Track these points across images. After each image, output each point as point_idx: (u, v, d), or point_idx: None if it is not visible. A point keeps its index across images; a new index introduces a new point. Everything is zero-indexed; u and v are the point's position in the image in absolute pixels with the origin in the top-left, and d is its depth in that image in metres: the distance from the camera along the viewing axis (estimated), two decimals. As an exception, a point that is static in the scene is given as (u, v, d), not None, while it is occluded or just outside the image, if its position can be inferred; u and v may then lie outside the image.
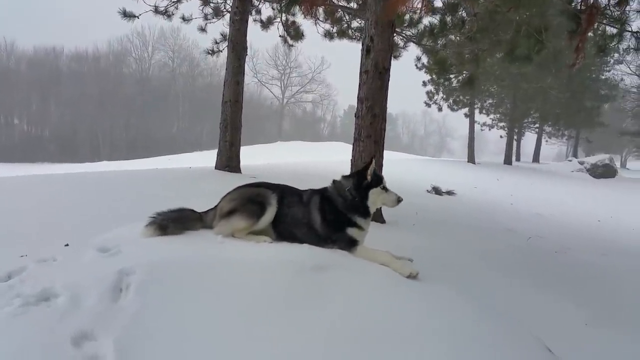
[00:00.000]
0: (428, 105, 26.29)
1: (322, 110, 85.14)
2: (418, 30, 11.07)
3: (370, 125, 6.37)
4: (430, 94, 25.67)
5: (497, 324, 2.61)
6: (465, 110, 29.53)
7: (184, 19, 12.10)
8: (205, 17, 12.44)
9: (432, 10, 10.27)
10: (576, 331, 3.53)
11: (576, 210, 13.58)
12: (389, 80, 6.50)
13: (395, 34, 11.36)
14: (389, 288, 2.68)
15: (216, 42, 12.48)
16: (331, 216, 3.63)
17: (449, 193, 12.32)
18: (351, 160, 6.55)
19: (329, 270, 2.71)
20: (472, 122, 29.83)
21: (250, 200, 3.72)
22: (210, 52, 12.61)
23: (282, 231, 3.72)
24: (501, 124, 35.41)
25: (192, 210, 3.84)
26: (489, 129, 36.65)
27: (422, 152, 76.83)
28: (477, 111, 31.77)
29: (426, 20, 10.65)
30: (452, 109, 28.41)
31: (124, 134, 65.22)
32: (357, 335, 2.15)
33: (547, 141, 45.32)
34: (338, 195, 3.69)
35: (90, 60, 67.60)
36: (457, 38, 10.92)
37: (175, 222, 3.55)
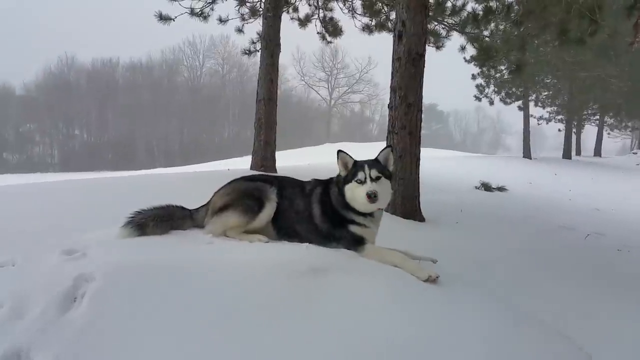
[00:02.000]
0: (478, 99, 25.22)
1: (371, 111, 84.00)
2: (460, 18, 10.50)
3: (405, 116, 5.96)
4: (480, 88, 24.64)
5: (537, 341, 2.19)
6: (519, 103, 28.10)
7: (220, 20, 12.07)
8: (242, 18, 12.39)
9: (475, -5, 9.71)
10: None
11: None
12: (423, 67, 6.06)
13: (436, 23, 10.91)
14: (399, 295, 2.30)
15: (253, 42, 12.38)
16: (329, 210, 3.26)
17: (500, 189, 11.56)
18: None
19: (327, 274, 2.35)
20: (526, 115, 28.34)
21: (247, 195, 3.34)
22: (247, 52, 12.52)
23: (283, 228, 3.35)
24: (559, 117, 33.54)
25: (181, 207, 3.53)
26: (546, 123, 34.81)
27: (476, 149, 73.99)
28: (531, 104, 30.18)
29: (469, 7, 10.09)
30: (505, 102, 27.19)
31: (178, 141, 67.10)
32: (357, 353, 1.82)
33: (609, 134, 42.49)
34: (335, 188, 3.31)
35: (144, 70, 70.07)
36: (502, 24, 10.26)
37: (157, 220, 3.22)
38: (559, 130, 35.02)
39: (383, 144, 3.65)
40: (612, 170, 23.78)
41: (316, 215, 3.24)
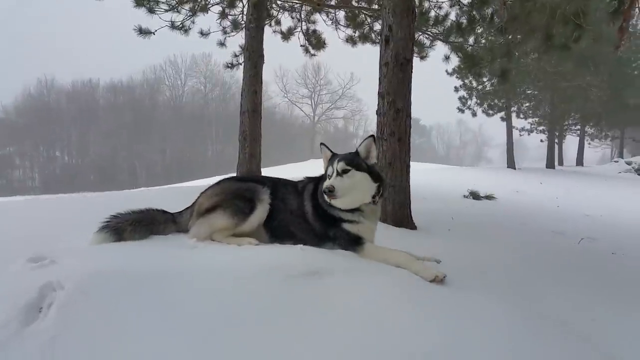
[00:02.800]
0: (461, 110, 25.35)
1: (354, 126, 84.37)
2: (444, 28, 10.47)
3: (394, 122, 5.77)
4: (463, 100, 24.80)
5: (554, 339, 1.97)
6: (502, 114, 28.35)
7: (202, 33, 11.85)
8: (224, 31, 12.19)
9: (459, 4, 9.69)
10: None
11: (627, 211, 12.44)
12: (411, 72, 5.91)
13: (420, 32, 10.86)
14: (405, 297, 2.07)
15: (235, 55, 12.18)
16: (320, 209, 3.03)
17: (488, 197, 11.44)
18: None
19: (324, 277, 2.12)
20: (509, 126, 28.58)
21: (237, 196, 3.09)
22: (229, 65, 12.31)
23: (277, 230, 3.09)
24: (540, 128, 33.91)
25: (162, 211, 3.25)
26: (528, 134, 35.15)
27: (459, 162, 74.64)
28: (514, 115, 30.47)
29: (452, 15, 10.07)
30: (488, 114, 27.37)
31: (161, 160, 66.44)
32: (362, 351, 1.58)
33: (589, 144, 43.09)
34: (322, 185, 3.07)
35: (125, 90, 69.49)
36: (487, 32, 10.26)
37: (135, 225, 2.94)
38: (541, 140, 35.45)
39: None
40: (596, 178, 23.98)
41: (309, 213, 3.01)
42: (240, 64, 11.89)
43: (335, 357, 1.60)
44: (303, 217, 3.05)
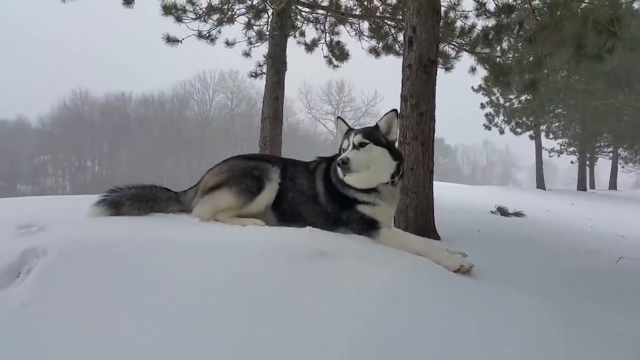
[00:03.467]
0: (488, 128, 24.90)
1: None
2: (470, 38, 10.25)
3: (417, 125, 5.56)
4: (489, 117, 24.34)
5: (598, 340, 1.72)
6: (530, 132, 27.64)
7: (227, 43, 11.93)
8: (249, 41, 12.27)
9: (485, 13, 9.47)
10: None
11: (666, 234, 11.82)
12: (436, 74, 5.71)
13: (446, 43, 10.66)
14: (425, 284, 1.85)
15: (259, 65, 12.21)
16: (333, 190, 2.81)
17: (517, 214, 11.00)
18: (395, 166, 5.75)
19: (334, 259, 1.91)
20: (538, 145, 27.82)
21: (245, 174, 2.90)
22: (253, 74, 12.34)
23: (286, 212, 2.89)
24: (571, 149, 32.93)
25: (165, 189, 3.10)
26: (558, 155, 34.15)
27: (485, 183, 73.31)
28: (543, 135, 29.70)
29: (480, 25, 9.85)
30: (515, 132, 26.76)
31: (187, 172, 67.34)
32: (375, 345, 1.37)
33: (623, 167, 41.58)
34: (335, 163, 2.86)
35: (156, 104, 71.07)
36: (515, 42, 9.98)
37: (134, 200, 2.78)
38: (572, 162, 34.41)
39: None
40: (631, 201, 23.01)
41: (321, 194, 2.80)
42: (264, 73, 11.90)
43: (341, 343, 1.39)
44: (314, 199, 2.85)
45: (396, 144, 2.93)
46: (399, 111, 5.80)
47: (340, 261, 1.92)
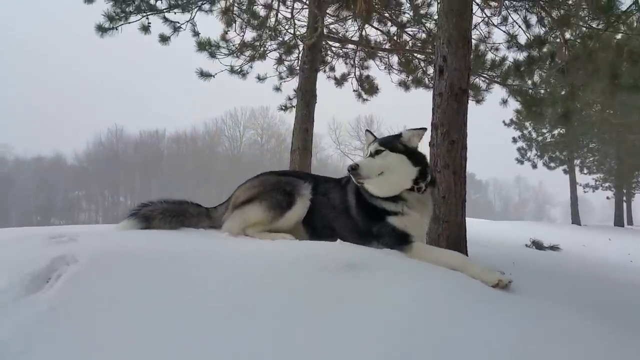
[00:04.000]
0: (520, 162, 24.48)
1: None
2: (502, 71, 10.21)
3: (448, 154, 5.49)
4: (522, 151, 23.96)
5: None
6: (564, 166, 27.01)
7: (259, 78, 12.23)
8: (280, 76, 12.53)
9: (517, 45, 9.46)
10: None
11: None
12: (467, 102, 5.67)
13: (476, 76, 10.65)
14: (461, 298, 1.76)
15: (289, 99, 12.43)
16: (363, 202, 2.76)
17: (553, 248, 10.65)
18: (427, 195, 5.66)
19: (366, 271, 1.84)
20: (573, 180, 27.14)
21: (276, 189, 2.88)
22: (283, 108, 12.56)
23: (317, 228, 2.85)
24: (606, 184, 31.93)
25: (197, 204, 3.10)
26: (593, 191, 33.12)
27: (518, 219, 71.66)
28: (577, 170, 28.98)
29: (511, 57, 9.82)
30: (549, 167, 26.23)
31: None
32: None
33: (662, 203, 40.02)
34: None
35: (188, 141, 72.91)
36: (547, 73, 9.88)
37: (165, 214, 2.80)
38: (607, 198, 33.29)
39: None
40: (672, 237, 22.01)
41: (352, 207, 2.76)
42: (293, 107, 12.09)
43: (370, 348, 1.33)
44: (346, 213, 2.82)
45: (417, 150, 2.90)
46: (430, 140, 5.81)
47: (370, 273, 1.85)
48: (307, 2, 9.83)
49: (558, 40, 8.88)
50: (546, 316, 1.77)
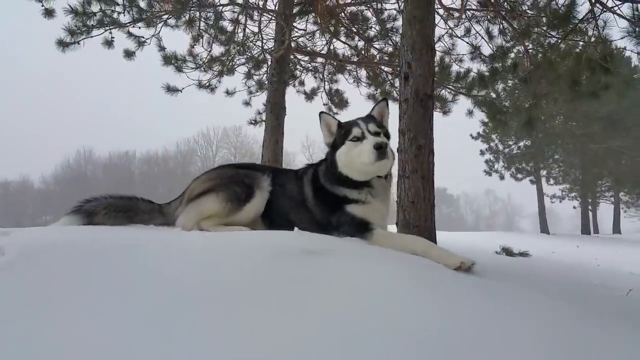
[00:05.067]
0: (489, 174, 24.98)
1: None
2: (466, 82, 10.41)
3: (416, 159, 5.49)
4: (489, 163, 24.46)
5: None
6: (531, 177, 27.67)
7: (227, 92, 12.15)
8: (249, 91, 12.49)
9: (480, 57, 9.67)
10: None
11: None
12: (433, 108, 5.70)
13: (442, 87, 10.83)
14: (423, 279, 1.71)
15: (259, 113, 12.37)
16: (321, 191, 2.69)
17: (522, 254, 10.77)
18: (397, 201, 5.64)
19: (324, 257, 1.76)
20: (540, 190, 27.83)
21: (234, 181, 2.76)
22: (252, 122, 12.47)
23: (276, 219, 2.76)
24: (572, 194, 32.82)
25: (149, 201, 2.97)
26: (560, 201, 34.02)
27: (490, 231, 72.65)
28: (544, 181, 29.71)
29: (475, 68, 10.03)
30: (516, 178, 26.84)
31: (189, 229, 67.21)
32: (369, 342, 1.22)
33: (625, 211, 41.13)
34: (323, 165, 2.78)
35: (159, 161, 71.93)
36: (511, 83, 10.14)
37: (110, 209, 2.65)
38: (574, 207, 34.24)
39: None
40: (637, 244, 22.62)
41: (309, 199, 2.68)
42: (263, 121, 12.03)
43: (330, 337, 1.25)
44: (303, 204, 2.74)
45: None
46: (397, 146, 5.82)
47: (330, 259, 1.77)
48: (274, 15, 9.84)
49: (520, 51, 9.13)
50: (512, 296, 1.74)
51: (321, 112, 2.92)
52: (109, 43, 9.31)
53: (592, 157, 26.38)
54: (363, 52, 11.58)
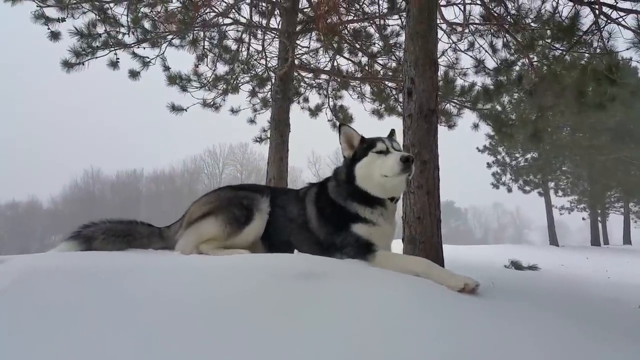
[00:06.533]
0: (496, 186, 24.79)
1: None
2: (471, 96, 10.37)
3: (421, 174, 5.43)
4: (497, 176, 24.30)
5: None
6: (539, 189, 27.41)
7: (232, 110, 12.20)
8: (254, 109, 12.53)
9: (485, 70, 9.65)
10: None
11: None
12: (437, 122, 5.67)
13: (447, 102, 10.80)
14: (426, 302, 1.66)
15: (264, 130, 12.40)
16: (328, 209, 2.64)
17: (532, 268, 10.63)
18: (402, 216, 5.57)
19: (323, 279, 1.72)
20: (548, 202, 27.52)
21: (232, 203, 2.73)
22: (258, 139, 12.50)
23: (275, 244, 2.71)
24: (581, 206, 32.48)
25: (148, 225, 2.93)
26: (569, 212, 33.67)
27: (498, 244, 71.98)
28: (552, 193, 29.42)
29: (480, 81, 9.99)
30: (524, 191, 26.61)
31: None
32: None
33: (635, 222, 40.57)
34: (333, 182, 2.73)
35: (166, 179, 72.26)
36: (516, 95, 10.10)
37: (109, 234, 2.61)
38: (583, 219, 33.84)
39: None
40: (649, 255, 22.27)
41: (312, 219, 2.63)
42: (268, 138, 12.04)
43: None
44: (305, 226, 2.69)
45: None
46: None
47: (330, 280, 1.73)
48: (277, 33, 9.89)
49: (525, 64, 9.10)
50: (519, 317, 1.67)
51: (341, 124, 2.90)
52: (114, 64, 9.37)
53: (600, 168, 26.12)
54: (367, 67, 11.60)
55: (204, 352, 1.22)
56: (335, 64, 11.67)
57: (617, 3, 6.59)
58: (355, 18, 10.38)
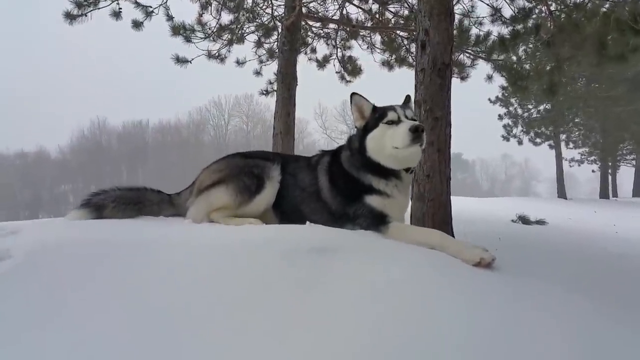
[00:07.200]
0: (506, 139, 24.41)
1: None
2: (486, 46, 9.98)
3: (432, 131, 5.27)
4: (507, 127, 23.89)
5: None
6: (550, 141, 27.00)
7: (238, 62, 11.89)
8: (260, 60, 12.20)
9: (501, 19, 9.22)
10: None
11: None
12: (451, 77, 5.45)
13: (460, 52, 10.42)
14: (441, 277, 1.58)
15: (270, 83, 12.13)
16: (341, 180, 2.56)
17: (539, 222, 10.55)
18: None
19: (336, 253, 1.67)
20: (558, 154, 27.17)
21: (243, 172, 2.67)
22: (264, 92, 12.25)
23: (287, 210, 2.66)
24: (592, 158, 32.04)
25: (158, 191, 2.89)
26: (579, 165, 33.26)
27: (505, 196, 72.00)
28: (563, 145, 28.97)
29: (495, 31, 9.58)
30: (535, 143, 26.20)
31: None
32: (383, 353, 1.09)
33: (646, 175, 40.18)
34: (346, 152, 2.63)
35: (172, 131, 72.15)
36: (533, 46, 9.70)
37: (119, 202, 2.62)
38: (593, 171, 33.47)
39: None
40: (658, 208, 22.14)
41: (324, 189, 2.56)
42: (275, 91, 11.79)
43: (344, 341, 1.13)
44: (317, 195, 2.62)
45: None
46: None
47: (343, 257, 1.66)
48: (284, -20, 9.47)
49: (543, 12, 8.67)
50: (533, 297, 1.59)
51: (353, 93, 2.75)
52: (116, 14, 9.06)
53: (614, 120, 25.41)
54: (377, 16, 11.15)
55: (218, 332, 1.16)
56: (344, 12, 11.24)
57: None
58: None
